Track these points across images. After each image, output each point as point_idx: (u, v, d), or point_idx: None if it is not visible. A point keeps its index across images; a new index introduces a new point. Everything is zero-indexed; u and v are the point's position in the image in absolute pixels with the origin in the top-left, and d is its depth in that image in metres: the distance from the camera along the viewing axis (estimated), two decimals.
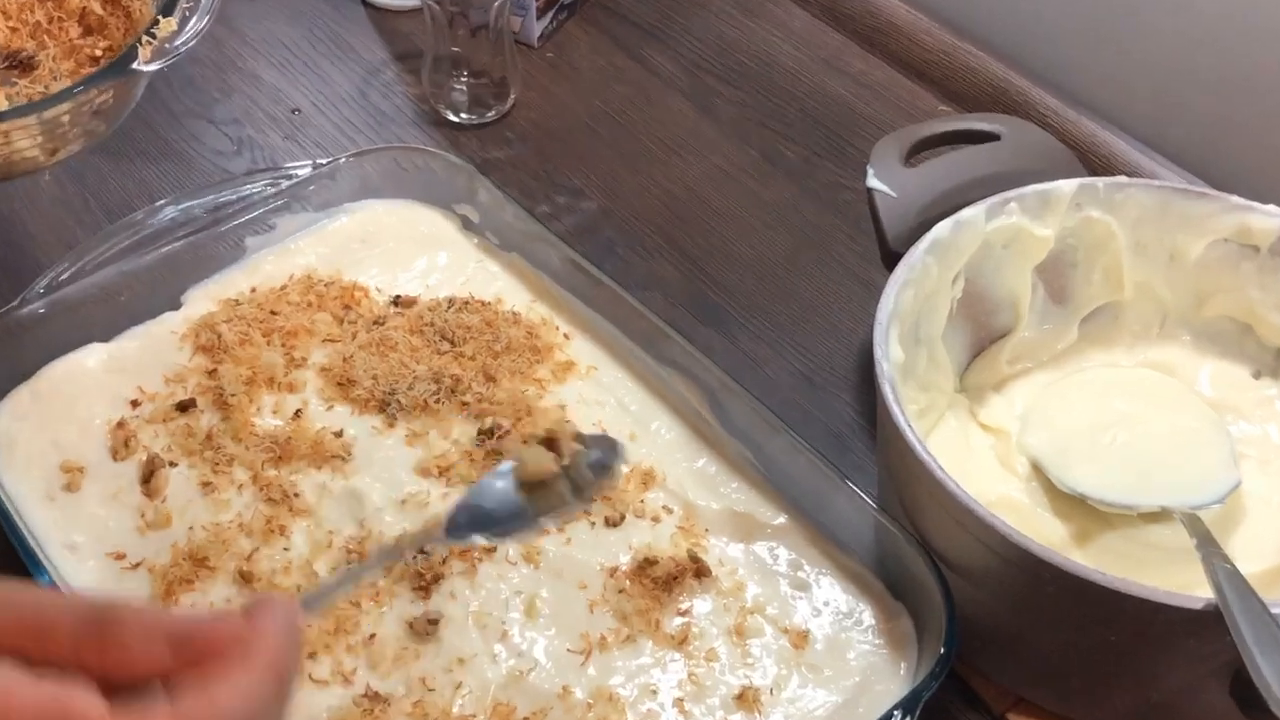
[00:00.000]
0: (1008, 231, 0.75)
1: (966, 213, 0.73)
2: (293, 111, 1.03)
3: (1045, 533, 0.70)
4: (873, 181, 0.78)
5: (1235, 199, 0.75)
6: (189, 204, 0.84)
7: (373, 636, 0.67)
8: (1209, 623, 0.57)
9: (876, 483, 0.75)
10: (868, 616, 0.68)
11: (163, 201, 0.84)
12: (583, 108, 1.04)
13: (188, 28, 0.81)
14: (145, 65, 0.79)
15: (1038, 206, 0.75)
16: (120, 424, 0.76)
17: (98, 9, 0.91)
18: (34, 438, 0.75)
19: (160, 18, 0.82)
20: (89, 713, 0.39)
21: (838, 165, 0.99)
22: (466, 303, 0.83)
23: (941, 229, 0.72)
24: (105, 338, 0.80)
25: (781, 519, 0.73)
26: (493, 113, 1.02)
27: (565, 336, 0.82)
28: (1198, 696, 0.62)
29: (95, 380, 0.78)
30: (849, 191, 0.97)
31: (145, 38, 0.80)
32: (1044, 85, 1.00)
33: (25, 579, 0.66)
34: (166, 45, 0.80)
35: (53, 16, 0.91)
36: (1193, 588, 0.59)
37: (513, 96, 1.03)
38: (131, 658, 0.40)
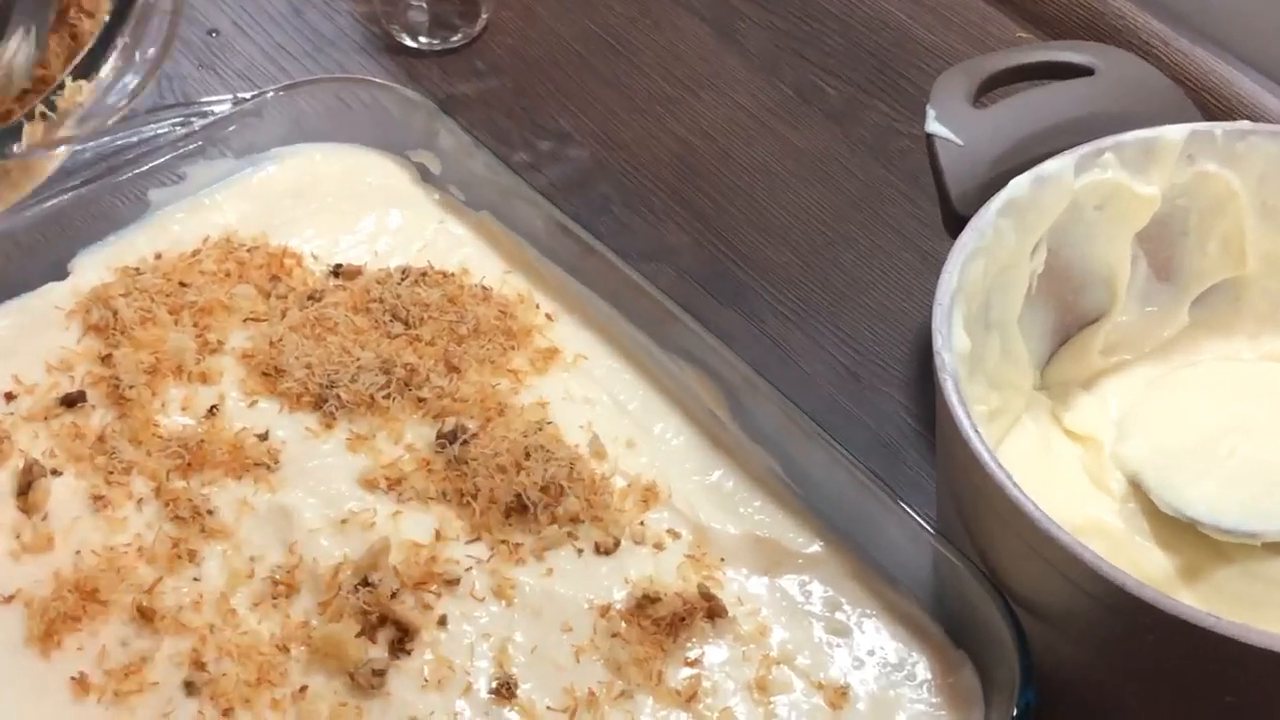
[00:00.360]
0: (1102, 189, 0.75)
1: (1050, 166, 0.73)
2: (210, 33, 1.03)
3: (1145, 566, 0.70)
4: (934, 126, 0.78)
5: None
6: (79, 147, 0.83)
7: (304, 689, 0.67)
8: None
9: (935, 503, 0.75)
10: (922, 669, 0.68)
11: None
12: (572, 31, 1.04)
13: (113, 90, 0.72)
14: (26, 150, 0.69)
15: (1139, 158, 0.75)
16: None
17: None
18: None
19: (69, 78, 0.71)
20: None
21: (891, 105, 0.99)
22: (424, 274, 0.82)
23: (1019, 186, 0.72)
24: None
25: (816, 547, 0.73)
26: (459, 36, 1.02)
27: (547, 317, 0.82)
28: None
29: None
30: (904, 138, 0.97)
31: (41, 108, 0.71)
32: (1149, 7, 0.99)
33: None
34: (64, 130, 0.69)
35: None
36: None
37: (484, 16, 1.02)
38: None
